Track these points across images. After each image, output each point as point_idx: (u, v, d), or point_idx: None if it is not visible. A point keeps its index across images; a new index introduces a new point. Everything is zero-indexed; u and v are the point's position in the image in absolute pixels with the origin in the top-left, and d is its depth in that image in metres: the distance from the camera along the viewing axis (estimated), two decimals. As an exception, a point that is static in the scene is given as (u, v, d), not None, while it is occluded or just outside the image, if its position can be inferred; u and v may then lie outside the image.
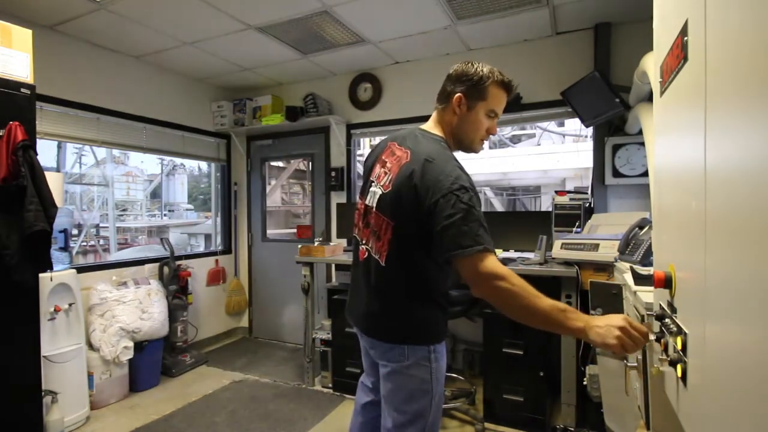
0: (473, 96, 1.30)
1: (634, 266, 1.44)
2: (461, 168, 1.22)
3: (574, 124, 7.74)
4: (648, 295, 1.14)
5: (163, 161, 11.34)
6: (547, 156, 7.95)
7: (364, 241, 1.37)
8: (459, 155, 1.35)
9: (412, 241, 1.24)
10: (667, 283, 0.85)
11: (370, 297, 1.34)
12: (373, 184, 1.36)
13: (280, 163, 5.94)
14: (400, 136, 1.39)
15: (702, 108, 0.66)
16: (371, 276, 1.32)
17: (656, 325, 0.93)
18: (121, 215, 11.20)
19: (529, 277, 2.62)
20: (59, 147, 7.36)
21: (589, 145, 3.32)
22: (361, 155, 4.35)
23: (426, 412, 1.28)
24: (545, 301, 1.11)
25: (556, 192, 2.87)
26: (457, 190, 1.14)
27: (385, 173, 1.32)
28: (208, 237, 6.97)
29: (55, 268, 2.40)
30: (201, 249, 7.44)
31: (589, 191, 2.98)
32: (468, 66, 1.32)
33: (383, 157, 1.38)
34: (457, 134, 1.35)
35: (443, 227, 1.13)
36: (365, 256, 1.35)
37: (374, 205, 1.32)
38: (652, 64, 1.29)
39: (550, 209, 2.81)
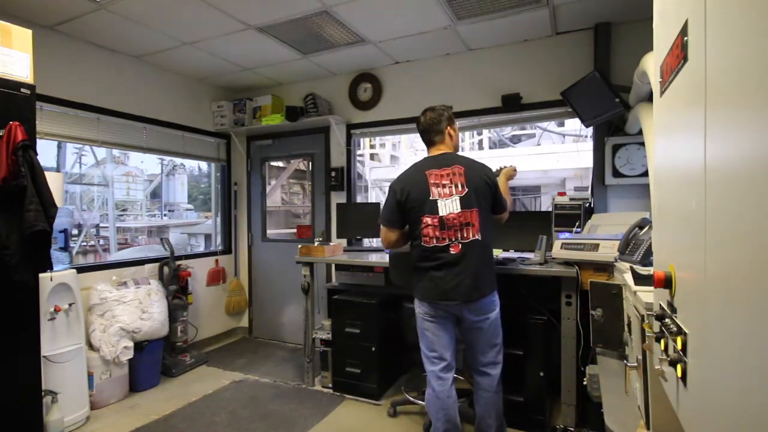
0: (451, 122, 2.13)
1: (634, 266, 1.44)
2: None
3: (574, 124, 7.74)
4: (648, 295, 1.14)
5: (163, 161, 11.34)
6: (547, 156, 7.96)
7: (450, 240, 1.93)
8: (462, 154, 1.81)
9: (487, 212, 2.02)
10: (667, 283, 0.85)
11: (475, 268, 1.92)
12: (438, 201, 1.94)
13: (280, 163, 5.94)
14: (435, 165, 2.02)
15: (702, 108, 0.66)
16: (472, 254, 1.92)
17: (656, 325, 0.93)
18: (121, 215, 11.20)
19: (529, 277, 2.63)
20: (59, 147, 7.36)
21: (589, 145, 3.31)
22: (361, 155, 4.35)
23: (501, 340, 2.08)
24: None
25: (558, 194, 2.87)
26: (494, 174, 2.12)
27: (449, 187, 1.95)
28: (208, 237, 6.97)
29: (55, 268, 2.41)
30: (201, 249, 7.44)
31: (589, 191, 2.98)
32: (437, 111, 2.11)
33: (433, 181, 1.97)
34: (456, 146, 2.17)
35: (499, 194, 2.08)
36: (459, 248, 1.92)
37: (457, 209, 1.93)
38: (652, 64, 1.29)
39: (550, 209, 2.81)
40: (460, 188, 1.93)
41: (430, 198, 1.94)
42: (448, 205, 1.92)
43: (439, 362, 2.04)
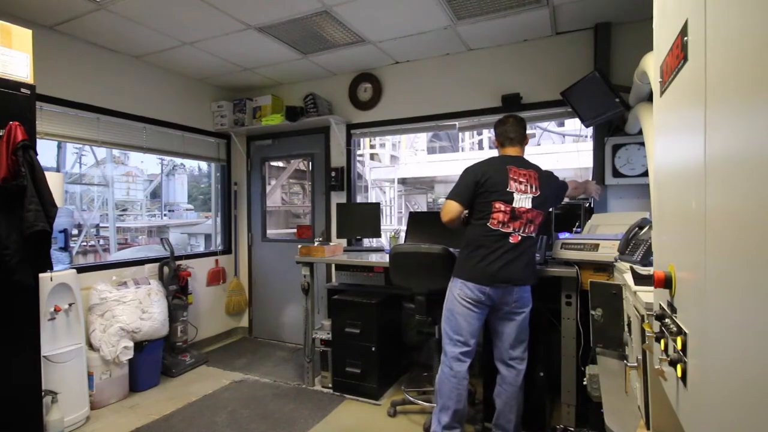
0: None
1: (634, 266, 1.44)
2: None
3: (574, 124, 7.74)
4: (648, 295, 1.14)
5: (163, 161, 11.35)
6: (547, 156, 7.95)
7: (514, 230, 2.11)
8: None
9: (545, 218, 2.27)
10: (667, 283, 0.85)
11: (527, 259, 2.14)
12: (515, 194, 2.12)
13: (280, 163, 5.94)
14: (515, 163, 2.18)
15: (702, 108, 0.66)
16: (523, 247, 2.12)
17: (656, 325, 0.93)
18: (121, 215, 11.21)
19: (529, 277, 2.56)
20: (59, 147, 7.37)
21: (589, 145, 3.31)
22: (361, 155, 4.35)
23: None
24: None
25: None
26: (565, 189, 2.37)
27: (524, 185, 2.14)
28: (208, 237, 6.98)
29: (55, 268, 2.40)
30: (201, 249, 7.44)
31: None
32: (524, 121, 2.31)
33: (512, 176, 2.14)
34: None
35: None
36: (518, 238, 2.11)
37: (528, 205, 2.12)
38: (652, 64, 1.29)
39: (550, 209, 2.81)
40: (534, 190, 2.15)
41: (507, 189, 2.12)
42: (522, 200, 2.13)
43: (462, 346, 2.16)
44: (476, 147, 10.82)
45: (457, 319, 2.14)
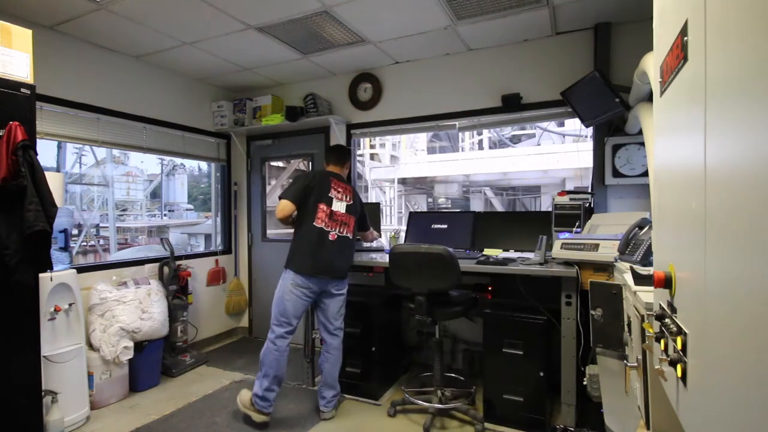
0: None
1: (634, 266, 1.44)
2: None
3: (574, 124, 7.74)
4: (648, 295, 1.14)
5: (163, 161, 11.35)
6: (547, 156, 7.96)
7: (332, 229, 2.61)
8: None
9: (356, 225, 2.76)
10: (667, 283, 0.85)
11: (340, 256, 2.62)
12: (334, 199, 2.64)
13: (280, 163, 5.93)
14: (337, 178, 2.73)
15: (702, 108, 0.66)
16: (342, 245, 2.63)
17: (656, 325, 0.93)
18: (121, 215, 11.21)
19: (529, 277, 2.63)
20: (59, 147, 7.37)
21: (589, 145, 3.31)
22: (361, 155, 4.35)
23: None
24: None
25: (558, 194, 2.87)
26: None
27: (341, 194, 2.69)
28: (208, 237, 6.98)
29: (55, 268, 2.40)
30: (201, 249, 7.44)
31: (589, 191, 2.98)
32: (349, 151, 3.01)
33: (333, 185, 2.67)
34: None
35: (364, 219, 2.92)
36: (335, 237, 2.60)
37: (343, 210, 2.67)
38: (652, 64, 1.29)
39: (550, 209, 2.81)
40: (348, 199, 2.71)
41: (329, 195, 2.63)
42: (339, 206, 2.65)
43: (287, 326, 2.57)
44: (476, 147, 10.82)
45: (285, 304, 2.55)
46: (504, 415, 2.49)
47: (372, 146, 9.45)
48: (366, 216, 2.92)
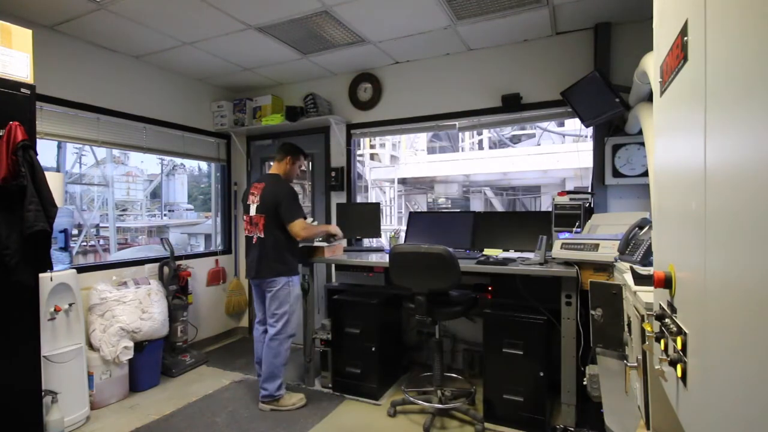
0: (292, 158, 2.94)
1: (634, 266, 1.44)
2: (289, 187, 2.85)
3: (574, 124, 7.74)
4: (648, 295, 1.14)
5: (163, 161, 11.35)
6: (547, 156, 7.95)
7: (253, 234, 2.79)
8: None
9: (274, 222, 2.75)
10: (667, 283, 0.85)
11: (259, 257, 2.75)
12: (251, 205, 2.80)
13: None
14: (256, 181, 2.88)
15: (702, 108, 0.66)
16: (261, 246, 2.75)
17: (656, 325, 0.93)
18: (121, 215, 11.21)
19: (529, 277, 2.63)
20: (59, 147, 7.36)
21: (589, 145, 3.31)
22: (361, 155, 4.35)
23: (286, 312, 2.78)
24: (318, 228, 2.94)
25: (558, 194, 2.87)
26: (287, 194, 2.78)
27: (255, 195, 2.79)
28: (208, 237, 6.98)
29: (55, 268, 2.40)
30: (201, 249, 7.44)
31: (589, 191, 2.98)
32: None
33: (251, 191, 2.83)
34: (284, 172, 2.92)
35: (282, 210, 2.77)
36: (256, 239, 2.77)
37: (254, 212, 2.78)
38: (652, 64, 1.29)
39: (550, 209, 2.81)
40: (258, 200, 2.78)
41: (248, 202, 2.84)
42: (252, 209, 2.80)
43: (258, 318, 2.93)
44: (476, 147, 10.82)
45: (255, 300, 2.94)
46: (504, 415, 2.49)
47: (372, 146, 9.44)
48: (281, 206, 2.70)
